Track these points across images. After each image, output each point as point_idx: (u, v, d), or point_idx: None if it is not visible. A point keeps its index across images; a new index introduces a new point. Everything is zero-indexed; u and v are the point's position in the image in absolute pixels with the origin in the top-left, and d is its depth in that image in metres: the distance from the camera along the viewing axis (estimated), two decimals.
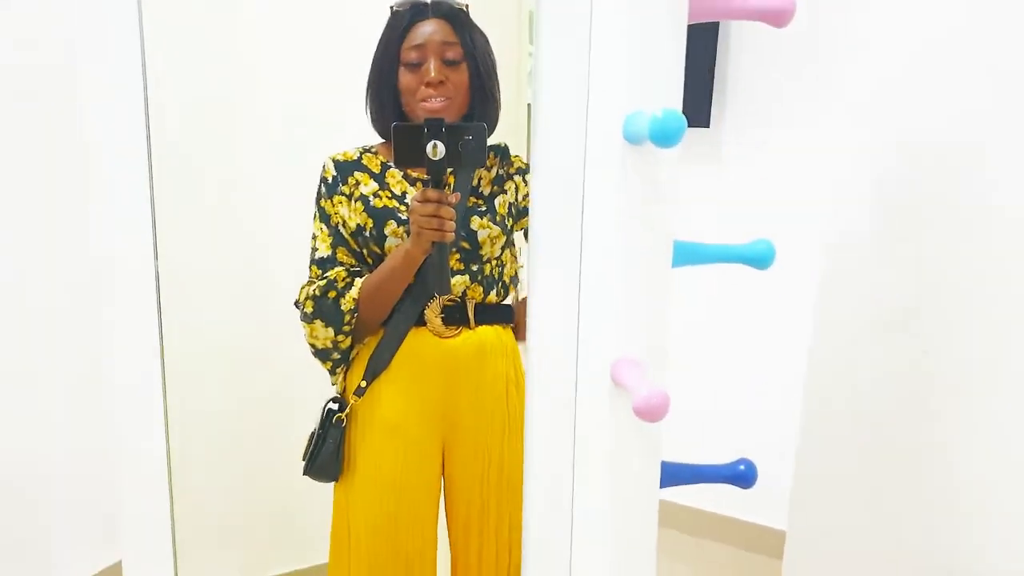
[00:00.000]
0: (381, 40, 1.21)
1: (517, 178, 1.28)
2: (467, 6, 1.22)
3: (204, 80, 1.55)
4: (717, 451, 1.22)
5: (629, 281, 0.85)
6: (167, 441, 0.91)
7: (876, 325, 1.21)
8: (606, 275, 0.86)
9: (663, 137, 0.71)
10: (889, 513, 1.22)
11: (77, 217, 2.00)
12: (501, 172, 1.27)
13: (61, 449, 1.92)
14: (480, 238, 1.21)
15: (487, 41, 1.24)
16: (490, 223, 1.21)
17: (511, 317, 1.30)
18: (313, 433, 1.25)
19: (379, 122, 1.25)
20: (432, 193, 1.07)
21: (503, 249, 1.26)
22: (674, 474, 0.91)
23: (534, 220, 0.88)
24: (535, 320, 0.90)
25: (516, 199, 1.27)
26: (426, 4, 1.20)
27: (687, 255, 0.88)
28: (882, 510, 1.23)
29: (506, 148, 1.29)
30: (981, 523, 1.11)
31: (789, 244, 1.06)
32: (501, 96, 1.26)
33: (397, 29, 1.19)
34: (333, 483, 1.28)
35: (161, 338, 0.89)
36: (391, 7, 1.20)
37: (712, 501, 2.26)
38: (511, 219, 1.26)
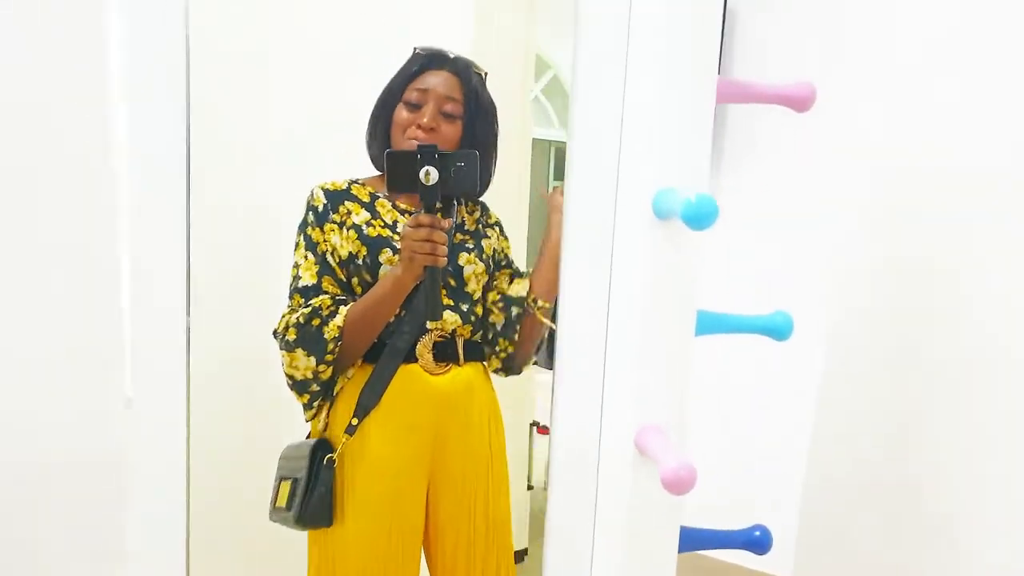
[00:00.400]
0: (393, 76, 1.25)
1: (497, 229, 1.31)
2: (486, 74, 1.26)
3: (232, 84, 1.57)
4: (726, 510, 1.23)
5: (654, 349, 0.88)
6: (187, 450, 0.92)
7: (879, 391, 1.24)
8: (632, 343, 0.88)
9: (696, 220, 0.74)
10: (890, 564, 1.24)
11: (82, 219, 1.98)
12: (483, 219, 1.30)
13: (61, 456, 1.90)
14: (466, 274, 1.22)
15: (495, 114, 1.27)
16: (476, 259, 1.23)
17: (485, 355, 1.31)
18: (294, 480, 1.21)
19: (374, 158, 1.27)
20: (425, 218, 1.09)
21: (486, 290, 1.28)
22: (692, 539, 0.92)
23: (564, 288, 0.90)
24: (561, 384, 0.92)
25: (499, 247, 1.29)
26: (447, 56, 1.23)
27: (709, 325, 0.90)
28: (884, 560, 1.25)
29: (484, 203, 1.32)
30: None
31: (791, 309, 1.09)
32: (495, 166, 1.29)
33: (410, 68, 1.23)
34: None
35: (188, 345, 0.90)
36: (415, 48, 1.24)
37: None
38: (494, 263, 1.28)
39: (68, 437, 1.93)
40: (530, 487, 1.48)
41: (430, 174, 1.06)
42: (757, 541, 0.91)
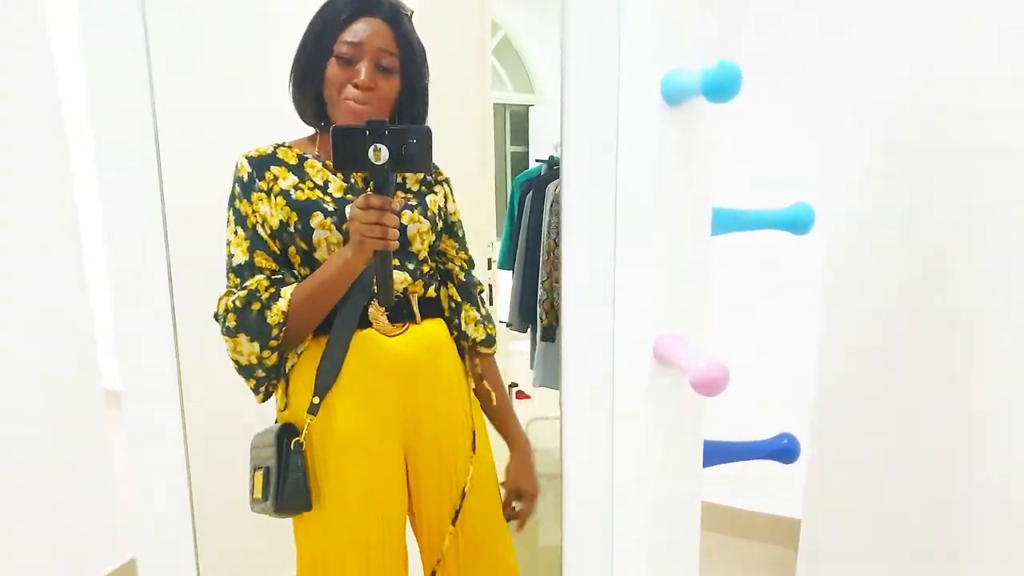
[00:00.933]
0: (312, 27, 1.13)
1: (446, 187, 1.23)
2: (412, 12, 1.16)
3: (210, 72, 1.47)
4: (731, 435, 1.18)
5: (670, 252, 0.81)
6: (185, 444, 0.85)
7: (884, 301, 1.20)
8: (644, 246, 0.81)
9: (719, 89, 0.67)
10: (903, 495, 1.20)
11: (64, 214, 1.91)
12: (429, 177, 1.21)
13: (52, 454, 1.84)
14: (410, 233, 1.14)
15: (425, 56, 1.18)
16: (420, 217, 1.16)
17: (443, 310, 1.25)
18: (266, 469, 1.14)
19: (301, 110, 1.17)
20: (375, 200, 1.00)
21: (434, 247, 1.20)
22: (717, 452, 0.86)
23: (566, 191, 0.83)
24: (568, 300, 0.85)
25: (445, 205, 1.21)
26: (371, 1, 1.12)
27: (726, 222, 0.83)
28: (896, 493, 1.21)
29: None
30: (1001, 500, 1.09)
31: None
32: (427, 113, 1.21)
33: (335, 19, 1.12)
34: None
35: (176, 340, 0.83)
36: None
37: (722, 494, 2.23)
38: (440, 220, 1.20)
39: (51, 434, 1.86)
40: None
41: (380, 152, 0.97)
42: (785, 449, 0.86)
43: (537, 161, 2.27)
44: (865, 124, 1.20)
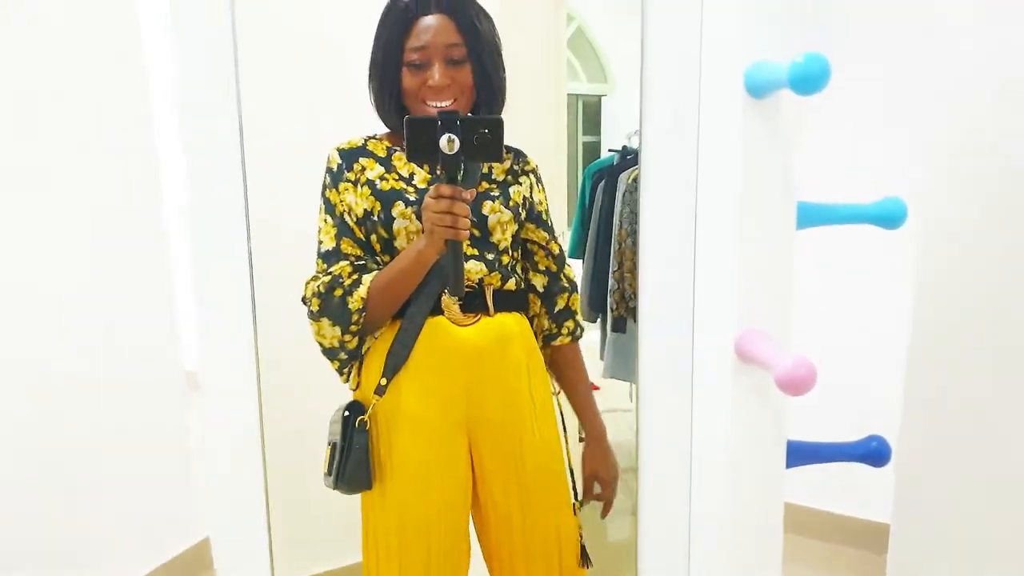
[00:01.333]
0: (381, 32, 1.15)
1: (532, 177, 1.23)
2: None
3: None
4: (818, 433, 1.15)
5: (752, 246, 0.79)
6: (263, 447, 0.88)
7: (976, 301, 1.14)
8: (726, 240, 0.79)
9: (806, 82, 0.65)
10: (993, 499, 1.15)
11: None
12: (516, 167, 1.21)
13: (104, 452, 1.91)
14: (490, 223, 1.15)
15: (493, 28, 1.18)
16: (502, 207, 1.15)
17: (528, 306, 1.25)
18: (333, 444, 1.17)
19: (384, 117, 1.20)
20: (446, 189, 1.01)
21: (516, 237, 1.20)
22: (803, 453, 0.84)
23: (644, 184, 0.82)
24: (645, 288, 0.84)
25: (531, 195, 1.21)
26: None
27: (812, 216, 0.81)
28: (987, 497, 1.16)
29: (520, 151, 1.24)
30: None
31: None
32: (507, 86, 1.21)
33: (398, 25, 1.14)
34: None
35: (255, 325, 0.85)
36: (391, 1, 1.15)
37: (806, 496, 2.17)
38: (524, 210, 1.20)
39: (132, 417, 1.94)
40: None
41: (452, 142, 0.97)
42: (875, 452, 0.83)
43: (610, 151, 2.25)
44: (955, 116, 1.15)
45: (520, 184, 1.19)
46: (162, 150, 2.02)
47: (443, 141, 0.97)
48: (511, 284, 1.19)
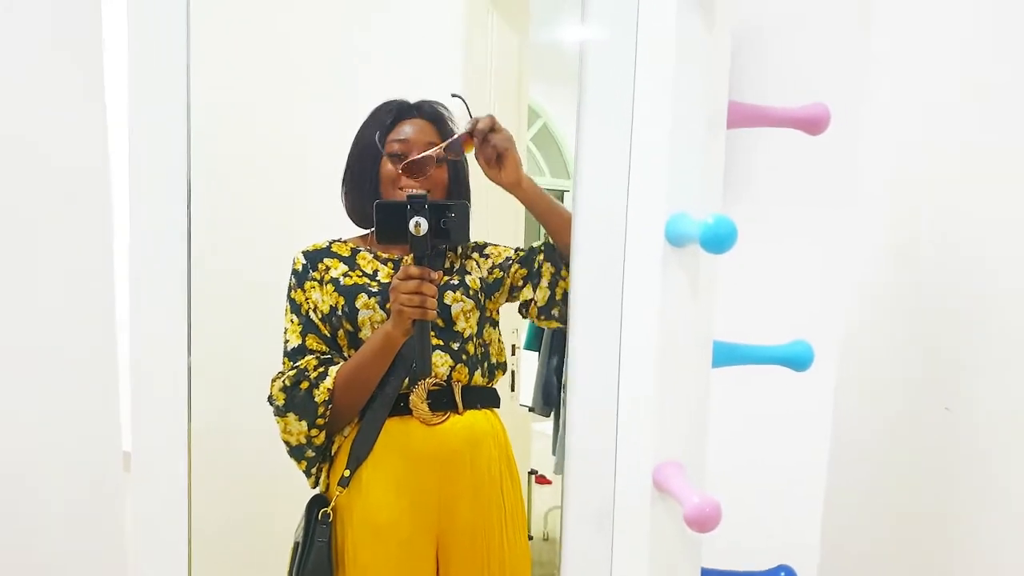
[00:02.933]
0: (362, 134, 1.24)
1: (475, 255, 1.29)
2: (449, 112, 1.25)
3: (240, 84, 1.56)
4: (745, 551, 1.18)
5: (670, 382, 0.84)
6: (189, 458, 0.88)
7: (892, 441, 1.21)
8: (647, 377, 0.84)
9: (715, 241, 0.71)
10: None
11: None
12: (463, 252, 1.28)
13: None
14: (453, 312, 1.19)
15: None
16: (463, 296, 1.20)
17: (498, 401, 1.27)
18: (296, 544, 1.17)
19: (356, 212, 1.25)
20: (414, 270, 1.07)
21: (480, 326, 1.24)
22: None
23: (573, 321, 0.87)
24: (573, 423, 0.88)
25: (484, 275, 1.26)
26: (412, 104, 1.23)
27: (728, 356, 0.87)
28: None
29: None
30: None
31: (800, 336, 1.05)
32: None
33: (382, 124, 1.22)
34: None
35: (189, 351, 0.87)
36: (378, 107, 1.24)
37: None
38: (483, 295, 1.25)
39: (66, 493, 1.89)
40: (529, 537, 1.44)
41: (420, 225, 1.04)
42: None
43: None
44: (876, 265, 1.24)
45: (470, 272, 1.24)
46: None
47: (411, 224, 1.03)
48: (478, 378, 1.21)
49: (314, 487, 1.21)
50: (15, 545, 1.77)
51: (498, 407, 1.26)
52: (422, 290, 1.07)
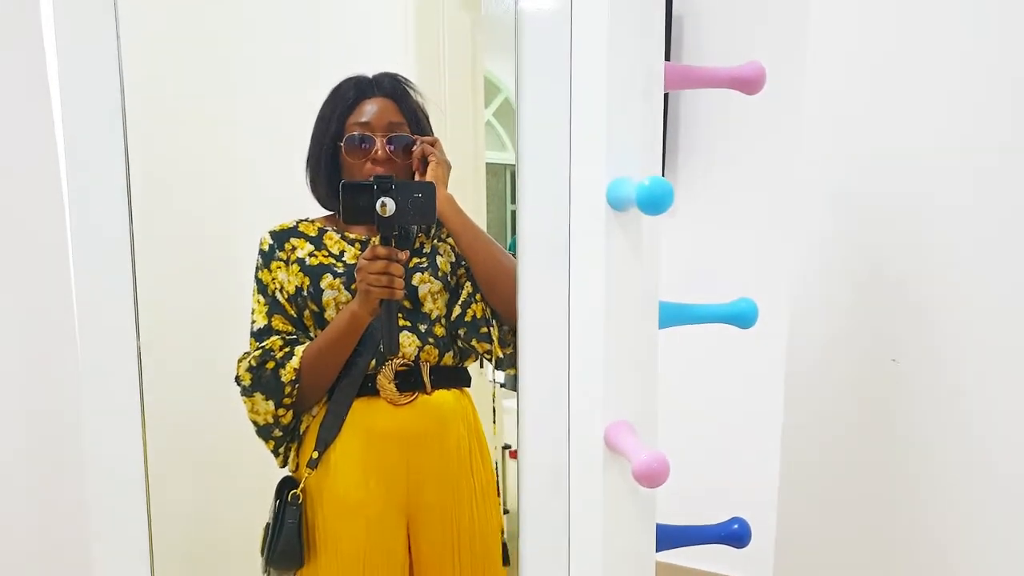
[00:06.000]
0: (322, 116, 1.22)
1: (449, 238, 1.29)
2: (409, 80, 1.24)
3: (179, 87, 1.54)
4: (698, 510, 1.21)
5: (618, 344, 0.86)
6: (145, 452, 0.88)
7: (844, 387, 1.24)
8: (595, 339, 0.86)
9: (651, 204, 0.73)
10: (875, 552, 1.23)
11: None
12: (437, 234, 1.27)
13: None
14: (420, 293, 1.19)
15: (427, 114, 1.26)
16: (431, 277, 1.20)
17: (468, 380, 1.28)
18: (267, 525, 1.18)
19: (320, 192, 1.25)
20: (381, 250, 1.07)
21: (450, 308, 1.24)
22: (669, 536, 0.90)
23: (522, 289, 0.88)
24: (525, 389, 0.90)
25: (453, 257, 1.26)
26: (370, 80, 1.21)
27: (672, 316, 0.89)
28: (868, 550, 1.23)
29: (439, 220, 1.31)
30: (971, 544, 1.10)
31: (753, 294, 1.07)
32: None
33: (341, 105, 1.20)
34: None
35: (139, 349, 0.87)
36: (337, 85, 1.22)
37: (697, 558, 2.23)
38: (455, 276, 1.25)
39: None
40: (506, 511, 1.46)
41: (386, 205, 1.04)
42: (735, 534, 0.89)
43: None
44: (824, 214, 1.26)
45: (441, 254, 1.23)
46: None
47: (378, 204, 1.02)
48: (448, 358, 1.22)
49: (282, 466, 1.22)
50: None
51: (469, 386, 1.27)
52: (389, 270, 1.07)
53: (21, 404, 1.86)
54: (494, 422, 1.33)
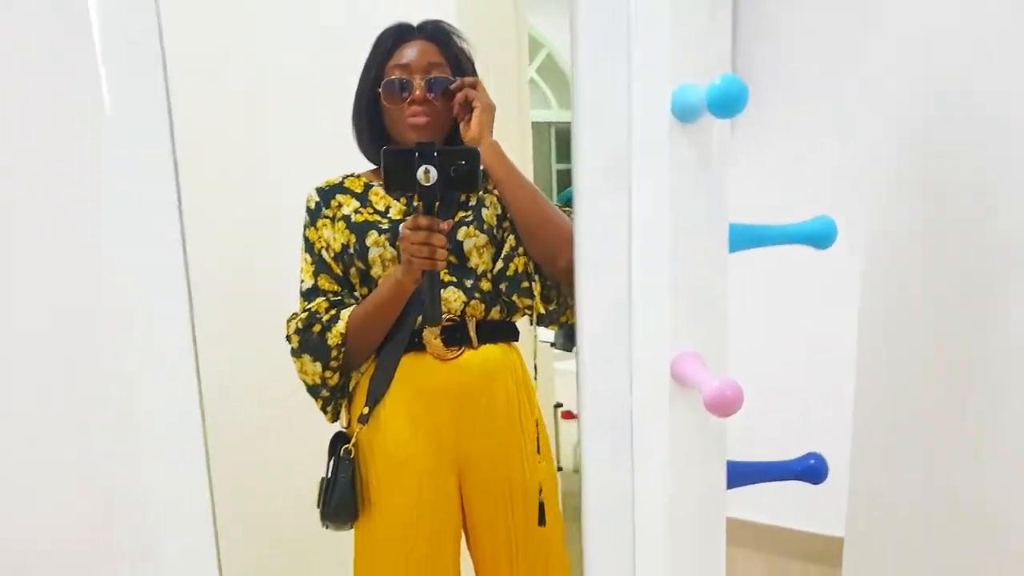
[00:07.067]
0: (365, 65, 1.20)
1: (495, 190, 1.25)
2: (454, 27, 1.20)
3: (225, 78, 1.52)
4: (768, 452, 1.15)
5: (685, 270, 0.80)
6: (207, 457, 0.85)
7: (923, 311, 1.16)
8: (659, 265, 0.80)
9: (724, 105, 0.66)
10: (948, 508, 1.16)
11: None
12: (482, 186, 1.23)
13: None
14: (466, 248, 1.16)
15: (472, 59, 1.22)
16: (476, 231, 1.17)
17: (516, 335, 1.24)
18: (323, 479, 1.19)
19: (365, 145, 1.22)
20: (423, 220, 1.03)
21: (495, 261, 1.21)
22: (741, 473, 0.85)
23: (578, 213, 0.82)
24: (583, 318, 0.84)
25: (499, 210, 1.22)
26: (412, 26, 1.18)
27: (744, 238, 0.82)
28: (941, 506, 1.17)
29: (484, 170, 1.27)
30: None
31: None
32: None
33: (381, 50, 1.17)
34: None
35: (196, 352, 0.83)
36: (380, 32, 1.19)
37: (763, 511, 2.17)
38: (500, 230, 1.21)
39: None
40: (559, 468, 1.44)
41: (429, 173, 0.99)
42: (812, 469, 0.84)
43: None
44: (894, 131, 1.17)
45: (487, 206, 1.20)
46: None
47: (420, 172, 0.99)
48: (495, 313, 1.19)
49: (332, 421, 1.22)
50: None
51: (517, 340, 1.25)
52: (431, 241, 1.04)
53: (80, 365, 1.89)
54: (535, 379, 1.29)
